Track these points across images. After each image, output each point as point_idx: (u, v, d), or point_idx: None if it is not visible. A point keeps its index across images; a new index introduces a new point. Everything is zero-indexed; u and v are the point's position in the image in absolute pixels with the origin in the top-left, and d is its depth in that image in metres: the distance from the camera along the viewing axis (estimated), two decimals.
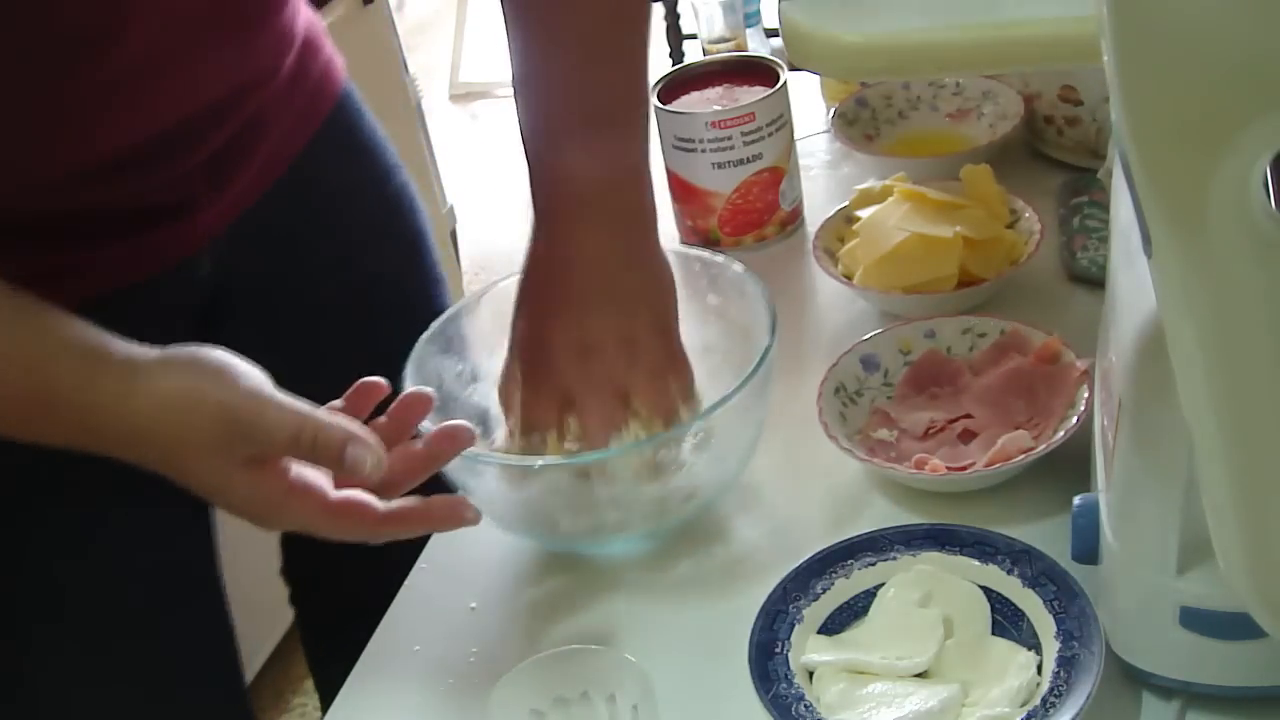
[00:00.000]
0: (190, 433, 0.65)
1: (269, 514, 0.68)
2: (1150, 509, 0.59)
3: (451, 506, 0.70)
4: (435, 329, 0.83)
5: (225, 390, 0.65)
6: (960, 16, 0.64)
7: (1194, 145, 0.40)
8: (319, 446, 0.65)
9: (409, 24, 4.15)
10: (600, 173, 0.78)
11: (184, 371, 0.66)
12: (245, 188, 0.84)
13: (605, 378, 0.76)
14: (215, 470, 0.66)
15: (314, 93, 0.89)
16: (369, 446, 0.66)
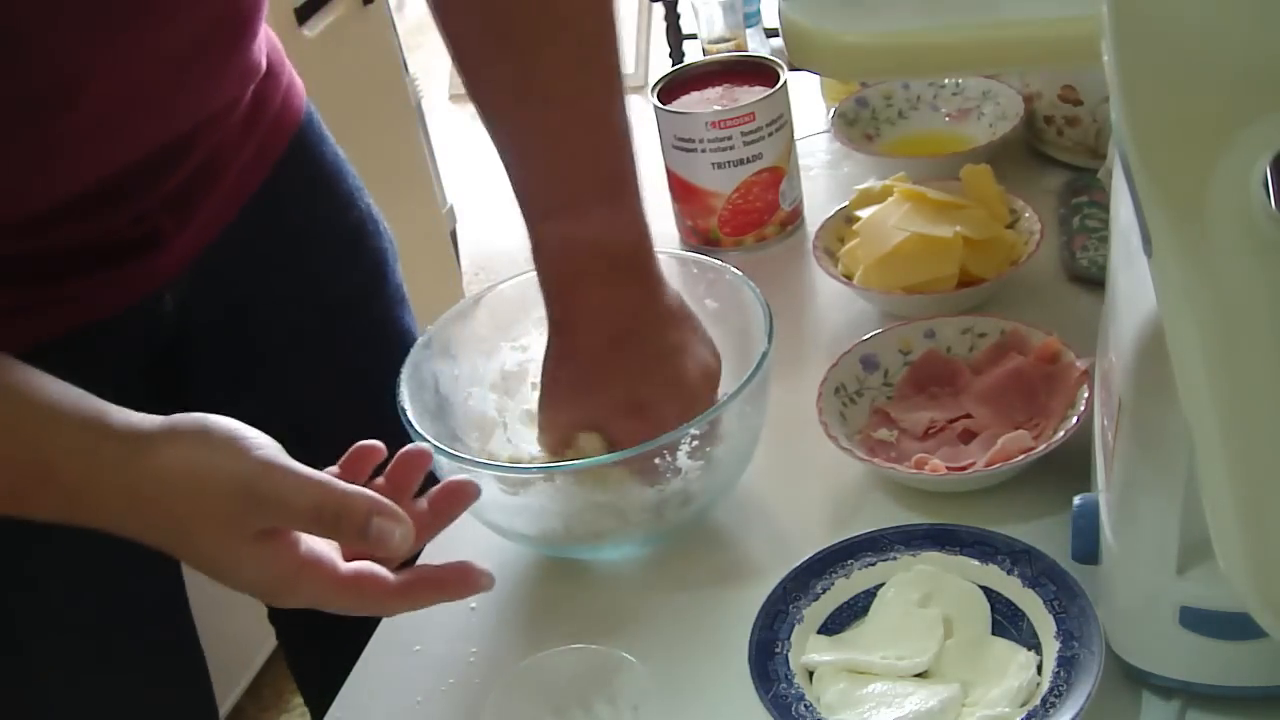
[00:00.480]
0: (201, 506, 0.61)
1: (279, 590, 0.64)
2: (1150, 509, 0.59)
3: (463, 574, 0.66)
4: (433, 332, 0.83)
5: (239, 461, 0.61)
6: (960, 16, 0.64)
7: (1194, 145, 0.40)
8: (343, 518, 0.61)
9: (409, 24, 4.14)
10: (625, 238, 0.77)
11: (192, 442, 0.62)
12: (208, 219, 0.83)
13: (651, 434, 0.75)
14: (224, 545, 0.62)
15: (275, 121, 0.88)
16: (396, 517, 0.62)
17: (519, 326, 0.86)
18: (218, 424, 0.63)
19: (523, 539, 0.79)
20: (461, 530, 0.83)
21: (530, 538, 0.78)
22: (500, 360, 0.86)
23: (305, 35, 1.71)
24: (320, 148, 0.94)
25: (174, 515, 0.62)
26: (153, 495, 0.61)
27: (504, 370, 0.86)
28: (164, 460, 0.61)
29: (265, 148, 0.87)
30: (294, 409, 0.70)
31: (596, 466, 0.74)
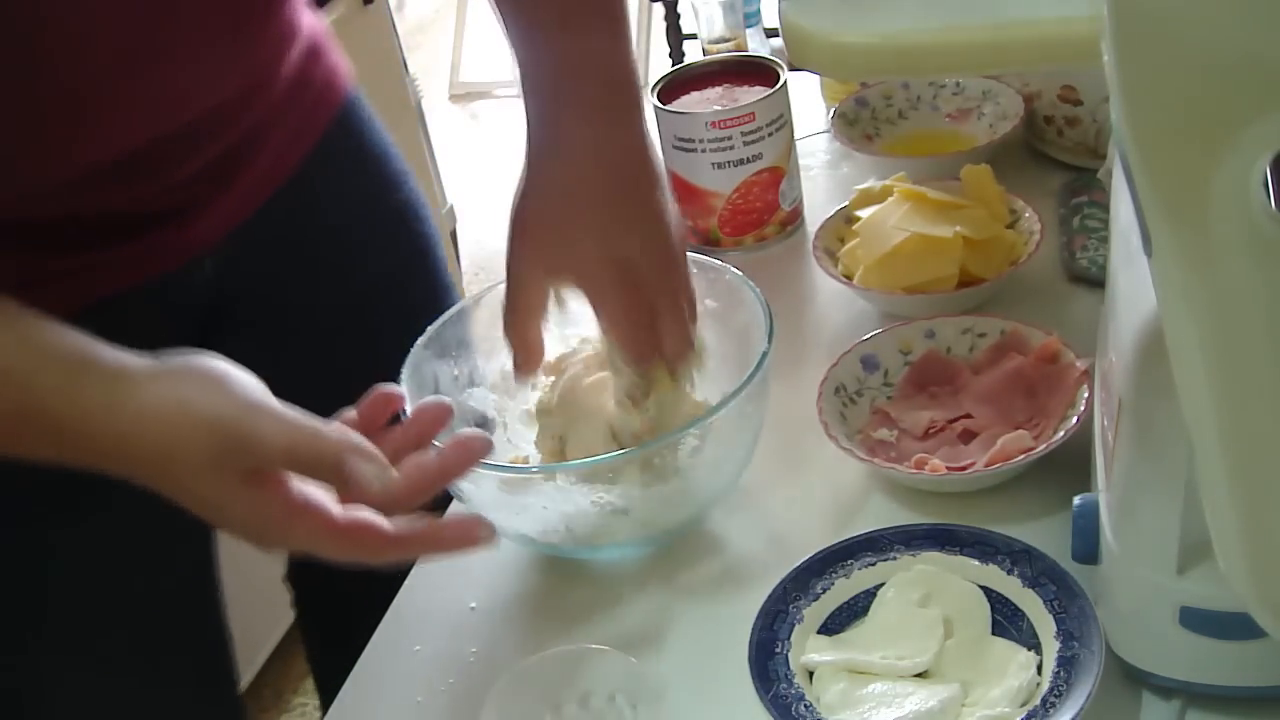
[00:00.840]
0: (182, 446, 0.61)
1: (269, 534, 0.63)
2: (1150, 509, 0.59)
3: (465, 528, 0.65)
4: (432, 332, 0.83)
5: (219, 400, 0.61)
6: (960, 16, 0.64)
7: (1194, 145, 0.40)
8: (317, 458, 0.61)
9: (409, 24, 4.15)
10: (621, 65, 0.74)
11: (176, 380, 0.62)
12: (245, 194, 0.84)
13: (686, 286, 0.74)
14: (210, 486, 0.62)
15: (316, 100, 0.89)
16: (372, 458, 0.61)
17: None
18: (203, 362, 0.63)
19: (523, 539, 0.79)
20: None
21: (530, 538, 0.78)
22: (500, 360, 0.86)
23: None
24: (365, 130, 0.95)
25: (159, 454, 0.61)
26: (136, 433, 0.61)
27: (504, 370, 0.86)
28: (147, 398, 0.61)
29: (306, 125, 0.88)
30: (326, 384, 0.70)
31: (596, 466, 0.74)
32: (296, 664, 1.87)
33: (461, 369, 0.85)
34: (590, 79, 0.74)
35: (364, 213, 0.94)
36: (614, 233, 0.73)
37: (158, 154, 0.76)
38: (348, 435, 0.62)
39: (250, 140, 0.82)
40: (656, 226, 0.74)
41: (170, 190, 0.79)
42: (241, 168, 0.83)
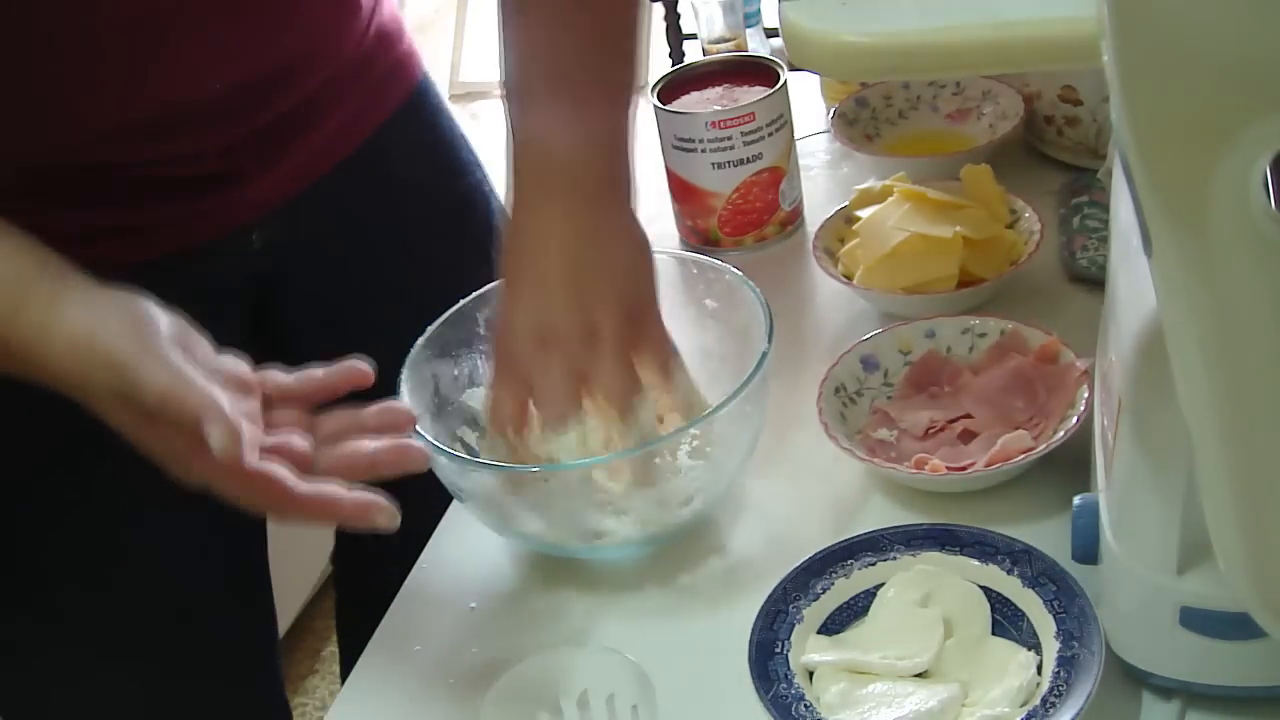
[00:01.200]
0: (92, 376, 0.63)
1: (178, 469, 0.65)
2: (1150, 509, 0.59)
3: (363, 506, 0.65)
4: (432, 332, 0.83)
5: (123, 336, 0.63)
6: (960, 16, 0.64)
7: (1194, 145, 0.40)
8: (180, 411, 0.62)
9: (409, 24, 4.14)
10: (566, 141, 0.74)
11: (96, 308, 0.64)
12: (297, 168, 0.85)
13: (564, 366, 0.73)
14: (119, 417, 0.64)
15: (382, 84, 0.90)
16: (222, 423, 0.61)
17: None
18: (130, 298, 0.64)
19: (523, 539, 0.79)
20: (462, 529, 0.83)
21: (530, 538, 0.78)
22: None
23: None
24: (435, 117, 0.96)
25: (77, 383, 0.63)
26: (62, 363, 0.63)
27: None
28: (69, 323, 0.63)
29: (369, 106, 0.89)
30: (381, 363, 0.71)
31: (596, 466, 0.74)
32: (297, 664, 1.87)
33: (461, 369, 0.85)
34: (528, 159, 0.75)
35: (424, 197, 0.95)
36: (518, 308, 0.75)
37: (208, 112, 0.77)
38: (214, 396, 0.63)
39: (304, 112, 0.83)
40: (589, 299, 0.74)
41: (219, 153, 0.80)
42: (293, 139, 0.84)
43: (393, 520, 0.66)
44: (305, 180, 0.86)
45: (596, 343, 0.73)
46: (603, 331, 0.73)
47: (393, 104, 0.91)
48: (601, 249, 0.75)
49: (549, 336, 0.73)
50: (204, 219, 0.82)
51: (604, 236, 0.75)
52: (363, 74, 0.87)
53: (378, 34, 0.88)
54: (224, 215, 0.83)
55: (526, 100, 0.76)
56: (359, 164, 0.88)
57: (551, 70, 0.76)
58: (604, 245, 0.75)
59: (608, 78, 0.77)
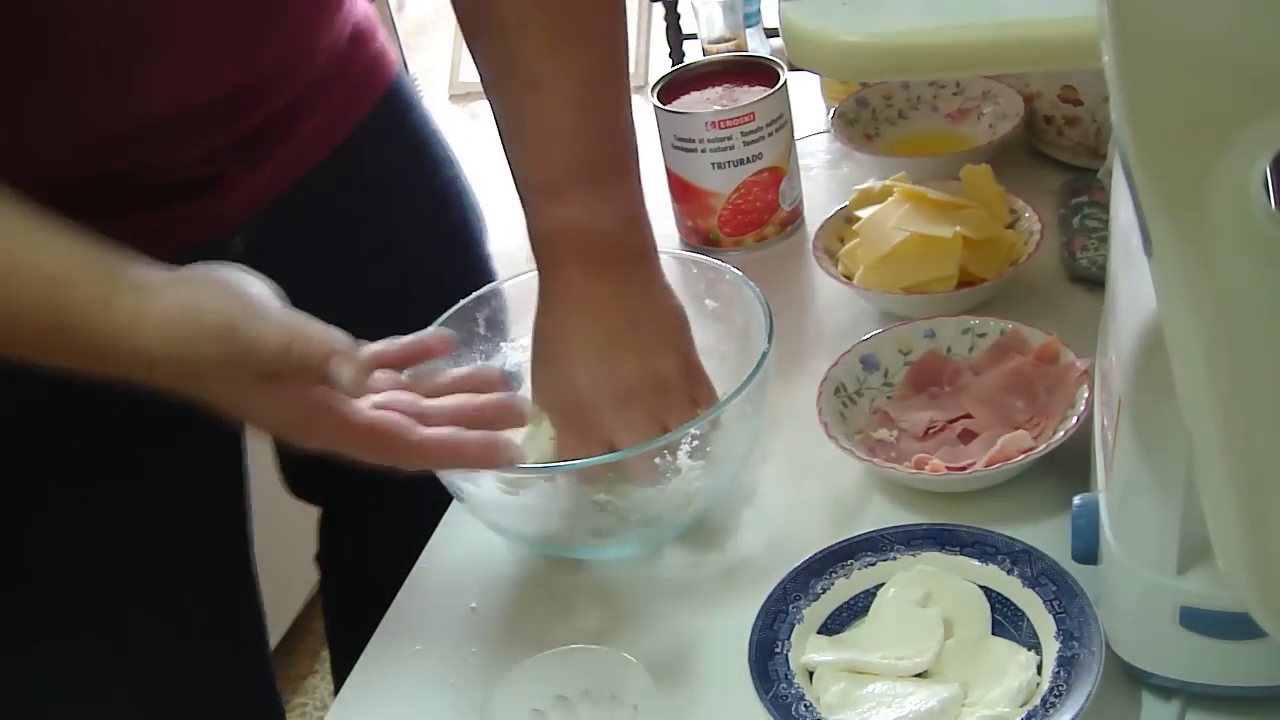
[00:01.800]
0: (195, 350, 0.63)
1: (294, 431, 0.66)
2: (1150, 509, 0.59)
3: (487, 445, 0.67)
4: (442, 322, 0.83)
5: (222, 305, 0.63)
6: (960, 16, 0.64)
7: (1194, 145, 0.40)
8: (305, 359, 0.63)
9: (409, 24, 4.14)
10: (607, 223, 0.77)
11: (185, 287, 0.64)
12: (279, 171, 0.85)
13: (647, 417, 0.75)
14: (229, 389, 0.65)
15: (359, 83, 0.90)
16: (350, 360, 0.63)
17: (519, 326, 0.86)
18: (216, 268, 0.65)
19: (523, 539, 0.79)
20: (462, 530, 0.83)
21: (530, 538, 0.78)
22: (500, 360, 0.86)
23: None
24: (409, 113, 0.96)
25: (179, 363, 0.63)
26: (159, 345, 0.63)
27: (505, 371, 0.86)
28: (162, 307, 0.63)
29: (346, 106, 0.89)
30: None
31: (596, 466, 0.74)
32: (297, 664, 1.87)
33: (461, 369, 0.85)
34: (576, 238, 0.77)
35: (403, 194, 0.95)
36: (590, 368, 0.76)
37: (191, 122, 0.77)
38: (335, 338, 0.64)
39: (285, 116, 0.83)
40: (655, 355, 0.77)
41: (202, 160, 0.80)
42: (275, 143, 0.84)
43: (518, 459, 0.68)
44: (287, 181, 0.86)
45: (668, 394, 0.76)
46: (670, 381, 0.76)
47: (369, 102, 0.91)
48: (650, 308, 0.78)
49: (626, 392, 0.75)
50: (188, 225, 0.82)
51: (650, 298, 0.78)
52: (340, 74, 0.87)
53: (353, 33, 0.88)
54: (208, 220, 0.83)
55: (553, 184, 0.78)
56: (338, 163, 0.89)
57: (574, 158, 0.77)
58: (651, 305, 0.78)
59: (627, 149, 0.79)
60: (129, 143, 0.76)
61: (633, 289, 0.78)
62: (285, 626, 1.81)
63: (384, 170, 0.93)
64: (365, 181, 0.91)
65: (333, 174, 0.88)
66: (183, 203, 0.81)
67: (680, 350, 0.78)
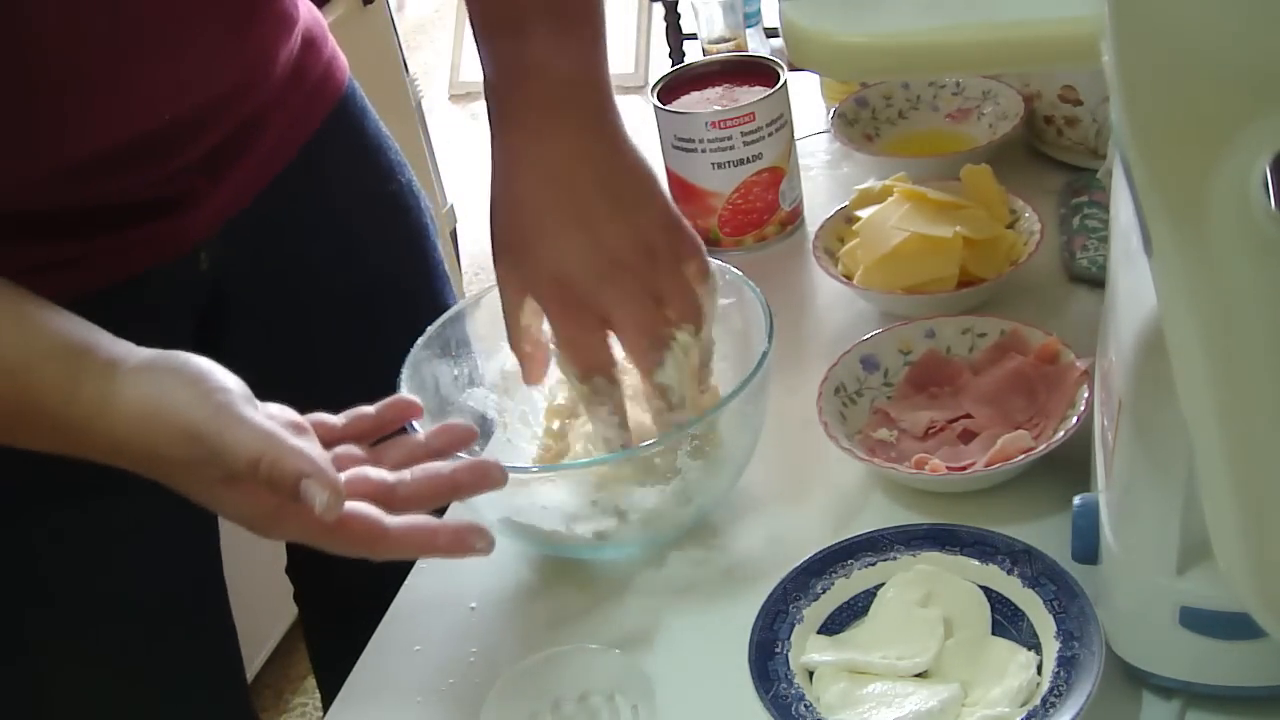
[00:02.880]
0: (162, 448, 0.62)
1: (263, 527, 0.65)
2: (1150, 509, 0.59)
3: (461, 534, 0.65)
4: (432, 332, 0.83)
5: (194, 405, 0.62)
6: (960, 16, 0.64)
7: (1194, 145, 0.40)
8: (274, 477, 0.61)
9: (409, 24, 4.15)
10: (567, 67, 0.73)
11: (160, 379, 0.63)
12: (241, 185, 0.84)
13: (639, 289, 0.72)
14: (197, 485, 0.63)
15: (313, 92, 0.89)
16: (325, 482, 0.61)
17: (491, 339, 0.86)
18: (189, 361, 0.63)
19: (523, 539, 0.79)
20: None
21: (530, 538, 0.78)
22: (500, 360, 0.86)
23: None
24: (362, 120, 0.95)
25: (145, 454, 0.62)
26: (125, 434, 0.62)
27: (504, 370, 0.86)
28: (132, 396, 0.62)
29: (303, 116, 0.88)
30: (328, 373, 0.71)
31: (596, 466, 0.74)
32: (296, 664, 1.87)
33: (461, 369, 0.85)
34: (541, 80, 0.73)
35: (361, 202, 0.94)
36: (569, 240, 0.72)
37: (154, 144, 0.76)
38: (309, 457, 0.62)
39: (245, 132, 0.82)
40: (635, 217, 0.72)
41: (166, 180, 0.79)
42: (237, 158, 0.83)
43: (490, 546, 0.65)
44: (249, 195, 0.85)
45: (658, 259, 0.72)
46: (659, 249, 0.72)
47: (324, 111, 0.90)
48: (619, 165, 0.74)
49: (614, 264, 0.71)
50: (153, 245, 0.80)
51: (616, 154, 0.74)
52: (295, 84, 0.86)
53: (305, 42, 0.87)
54: (174, 240, 0.81)
55: (517, 31, 0.74)
56: (297, 174, 0.87)
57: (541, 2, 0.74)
58: (619, 162, 0.74)
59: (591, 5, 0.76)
60: (89, 170, 0.74)
61: (597, 146, 0.73)
62: (284, 628, 1.81)
63: (341, 178, 0.92)
64: (324, 191, 0.90)
65: (292, 184, 0.87)
66: (148, 223, 0.79)
67: (658, 207, 0.74)
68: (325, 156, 0.90)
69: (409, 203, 0.98)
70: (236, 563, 0.97)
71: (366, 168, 0.95)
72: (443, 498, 0.68)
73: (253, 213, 0.85)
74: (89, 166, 0.74)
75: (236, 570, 0.97)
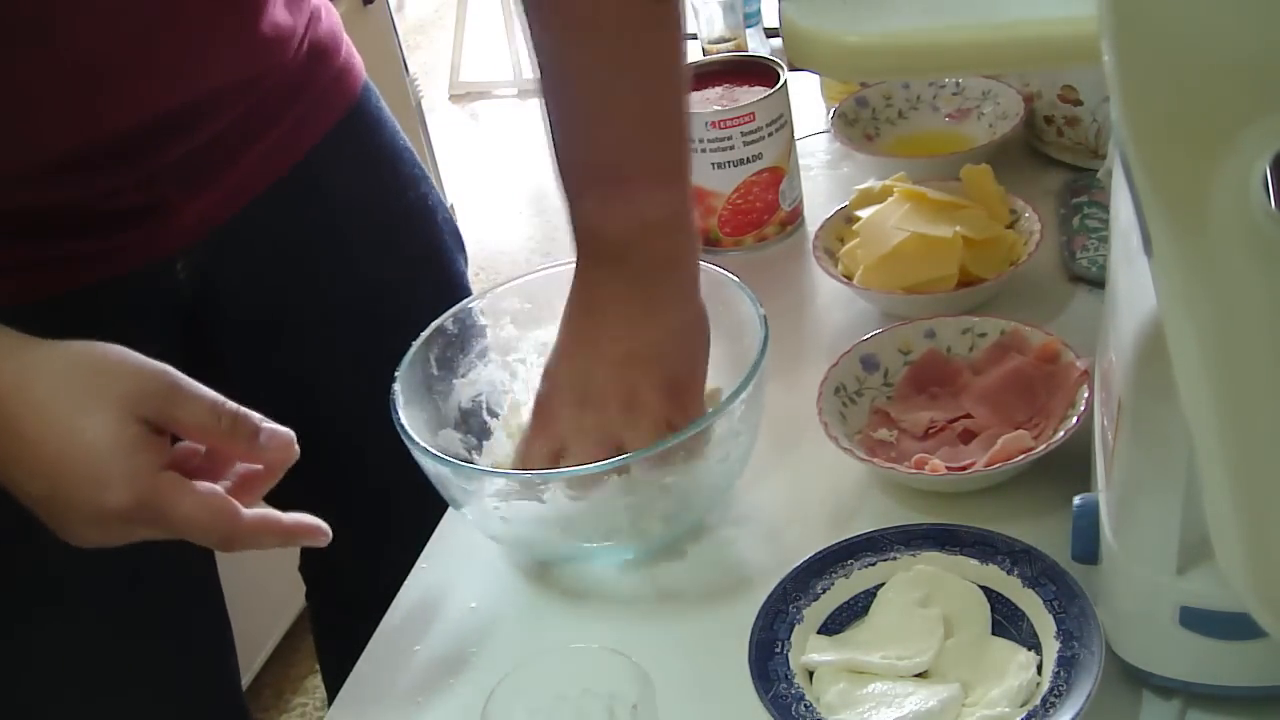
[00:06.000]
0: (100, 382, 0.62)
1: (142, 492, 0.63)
2: (1150, 509, 0.59)
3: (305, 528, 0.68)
4: (431, 332, 0.83)
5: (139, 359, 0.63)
6: (960, 16, 0.64)
7: (1194, 145, 0.40)
8: (238, 421, 0.64)
9: (409, 24, 4.15)
10: (623, 225, 0.75)
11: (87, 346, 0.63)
12: (227, 195, 0.83)
13: (600, 433, 0.74)
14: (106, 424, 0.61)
15: (321, 99, 0.88)
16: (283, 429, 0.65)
17: (551, 316, 0.86)
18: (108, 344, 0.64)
19: (522, 541, 0.79)
20: (462, 530, 0.83)
21: (529, 540, 0.78)
22: (528, 349, 0.86)
23: None
24: (375, 130, 0.94)
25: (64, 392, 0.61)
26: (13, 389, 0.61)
27: (531, 359, 0.86)
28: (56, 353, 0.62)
29: (306, 124, 0.87)
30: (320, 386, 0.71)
31: (594, 471, 0.74)
32: (297, 664, 1.87)
33: (460, 369, 0.85)
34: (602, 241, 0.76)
35: (368, 214, 0.93)
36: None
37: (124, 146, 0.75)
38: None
39: (231, 139, 0.82)
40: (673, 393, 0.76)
41: (137, 186, 0.78)
42: (220, 165, 0.82)
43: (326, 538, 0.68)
44: (233, 207, 0.84)
45: (635, 413, 0.74)
46: (642, 403, 0.74)
47: (327, 123, 0.89)
48: (655, 324, 0.76)
49: (589, 399, 0.75)
50: (124, 253, 0.80)
51: (659, 312, 0.76)
52: (295, 95, 0.85)
53: (311, 51, 0.86)
54: (146, 248, 0.81)
55: (575, 183, 0.77)
56: (292, 186, 0.86)
57: (599, 156, 0.76)
58: (658, 321, 0.76)
59: (658, 156, 0.77)
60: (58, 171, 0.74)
61: (645, 298, 0.76)
62: (285, 627, 1.81)
63: (342, 192, 0.91)
64: (320, 204, 0.89)
65: (284, 198, 0.86)
66: (118, 230, 0.79)
67: (672, 372, 0.76)
68: (326, 170, 0.89)
69: (423, 215, 0.97)
70: (237, 563, 0.97)
71: (376, 179, 0.94)
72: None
73: (241, 223, 0.84)
74: (60, 165, 0.73)
75: (238, 571, 0.97)
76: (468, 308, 0.85)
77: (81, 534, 0.65)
